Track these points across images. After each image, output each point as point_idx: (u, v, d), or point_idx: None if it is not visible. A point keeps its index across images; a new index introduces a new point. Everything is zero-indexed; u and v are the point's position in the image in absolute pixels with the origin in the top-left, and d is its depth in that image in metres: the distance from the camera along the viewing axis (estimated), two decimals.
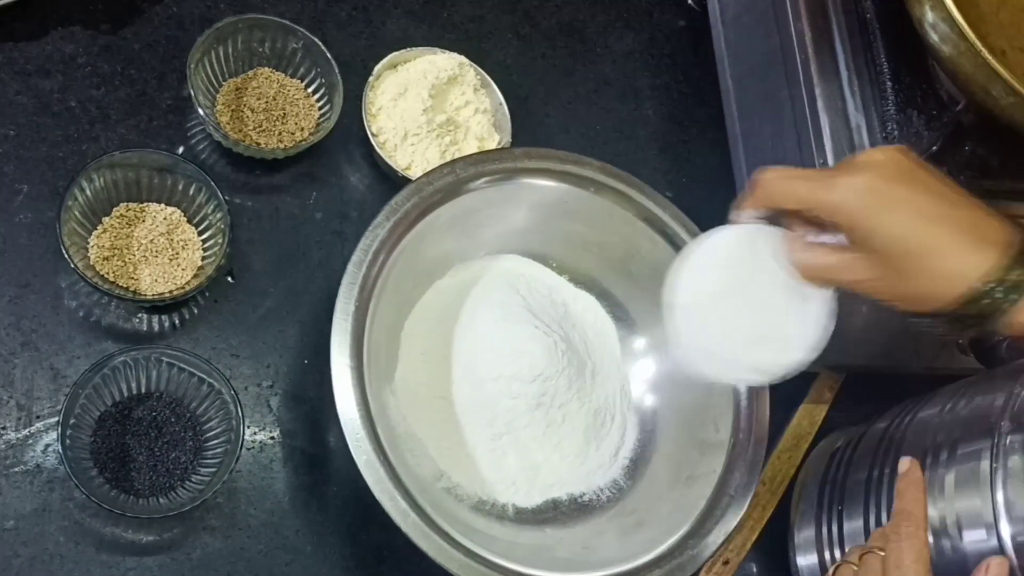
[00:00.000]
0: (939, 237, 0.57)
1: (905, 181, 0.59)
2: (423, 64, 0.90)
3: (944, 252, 0.57)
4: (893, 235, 0.57)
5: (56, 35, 0.84)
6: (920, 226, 0.57)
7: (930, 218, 0.58)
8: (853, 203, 0.58)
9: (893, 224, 0.57)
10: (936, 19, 0.73)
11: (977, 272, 0.57)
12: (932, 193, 0.59)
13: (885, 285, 0.59)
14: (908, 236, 0.57)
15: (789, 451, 0.91)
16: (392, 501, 0.70)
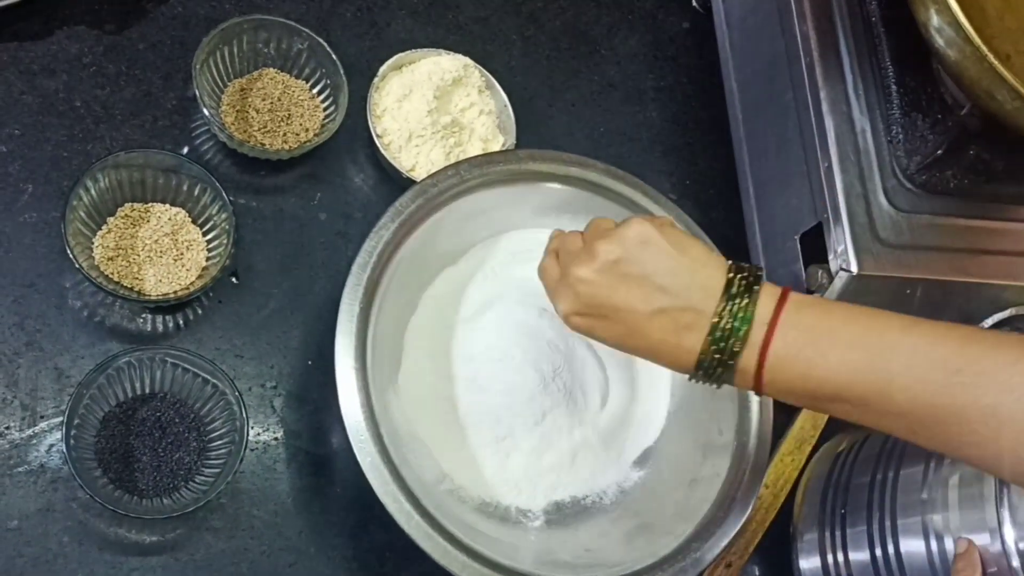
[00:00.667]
0: (652, 344, 0.63)
1: (598, 315, 0.65)
2: (428, 66, 0.90)
3: (662, 347, 0.63)
4: (614, 345, 0.66)
5: (61, 35, 0.84)
6: (631, 343, 0.64)
7: (636, 335, 0.64)
8: (573, 321, 0.66)
9: (609, 339, 0.65)
10: (941, 23, 0.74)
11: (698, 345, 0.61)
12: (625, 315, 0.64)
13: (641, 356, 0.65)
14: (625, 347, 0.65)
15: (792, 454, 0.91)
16: (396, 503, 0.70)
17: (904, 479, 0.76)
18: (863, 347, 0.57)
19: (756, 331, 0.59)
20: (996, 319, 0.83)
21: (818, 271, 0.81)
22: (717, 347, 0.60)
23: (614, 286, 0.62)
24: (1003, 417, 0.53)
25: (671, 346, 0.62)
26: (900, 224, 0.80)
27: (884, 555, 0.76)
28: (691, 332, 0.61)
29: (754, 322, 0.59)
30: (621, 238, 0.63)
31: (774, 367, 0.59)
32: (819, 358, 0.58)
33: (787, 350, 0.59)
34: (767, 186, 0.92)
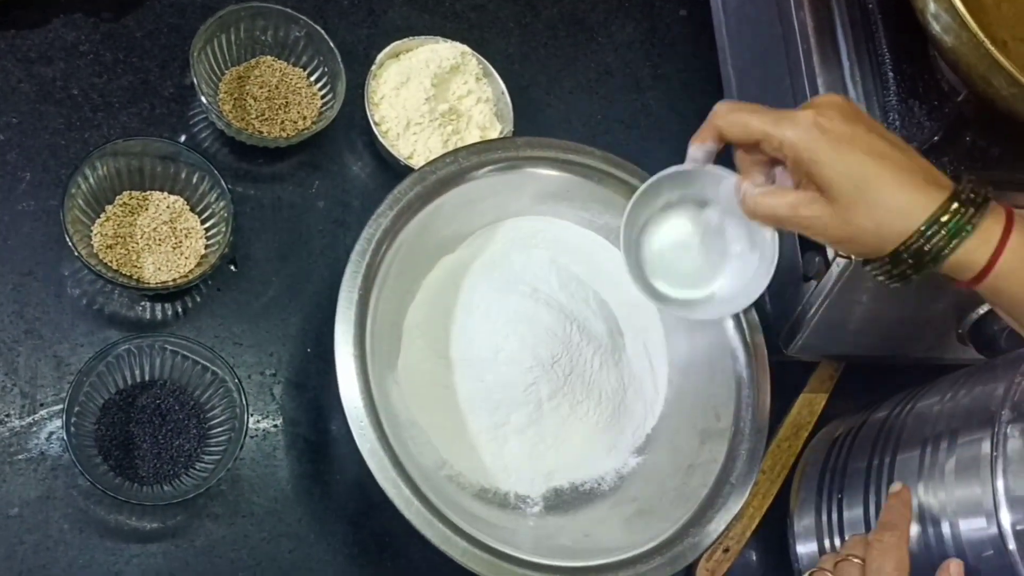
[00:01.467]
0: (885, 173, 0.58)
1: (851, 121, 0.59)
2: (425, 53, 0.90)
3: (890, 188, 0.58)
4: (839, 170, 0.58)
5: (58, 23, 0.84)
6: (867, 161, 0.58)
7: (877, 155, 0.58)
8: (801, 138, 0.59)
9: (840, 159, 0.58)
10: (938, 9, 0.74)
11: (923, 211, 0.58)
12: (878, 134, 0.60)
13: (832, 224, 0.60)
14: (854, 171, 0.58)
15: (789, 440, 0.91)
16: (396, 489, 0.70)
17: (900, 464, 0.76)
18: None
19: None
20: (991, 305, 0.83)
21: (815, 258, 0.81)
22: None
23: None
24: None
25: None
26: None
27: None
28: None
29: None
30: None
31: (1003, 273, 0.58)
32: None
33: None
34: None
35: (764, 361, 0.83)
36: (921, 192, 0.58)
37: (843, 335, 0.87)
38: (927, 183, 0.59)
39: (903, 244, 0.59)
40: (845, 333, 0.86)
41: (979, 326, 0.85)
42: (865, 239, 0.60)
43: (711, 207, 0.70)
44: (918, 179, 0.59)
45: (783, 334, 0.86)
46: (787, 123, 0.60)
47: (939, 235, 0.58)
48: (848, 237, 0.60)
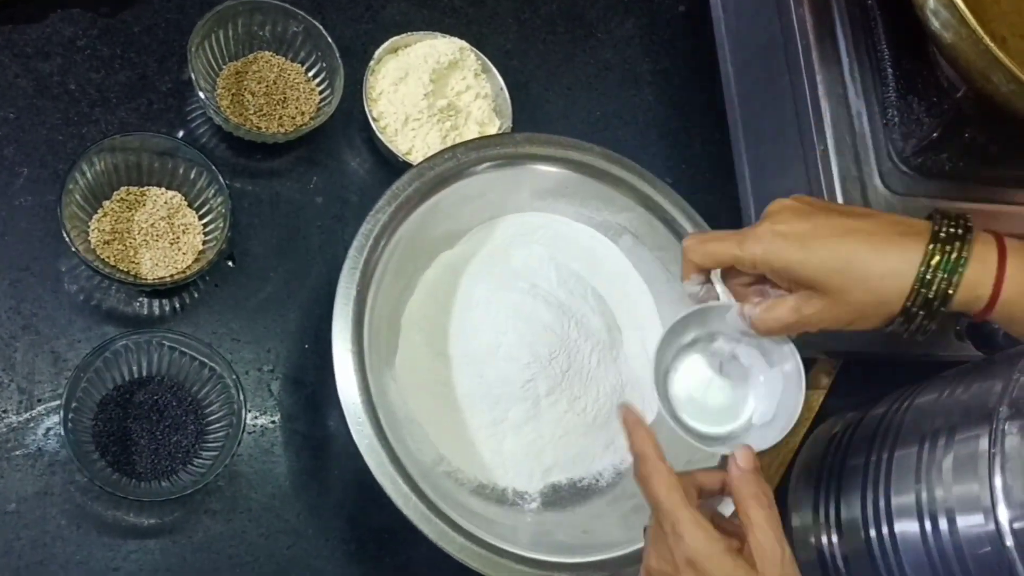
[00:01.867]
0: (860, 247, 0.59)
1: (806, 216, 0.61)
2: (424, 48, 0.89)
3: (871, 257, 0.59)
4: (816, 265, 0.60)
5: (56, 17, 0.84)
6: (838, 245, 0.60)
7: (844, 233, 0.60)
8: (766, 250, 0.61)
9: (811, 255, 0.60)
10: (937, 5, 0.73)
11: (912, 264, 0.59)
12: (837, 213, 0.62)
13: (836, 311, 0.61)
14: (829, 259, 0.59)
15: (786, 437, 0.91)
16: (393, 485, 0.70)
17: (898, 461, 0.76)
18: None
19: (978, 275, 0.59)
20: None
21: None
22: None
23: None
24: None
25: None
26: (895, 207, 0.80)
27: (878, 536, 0.76)
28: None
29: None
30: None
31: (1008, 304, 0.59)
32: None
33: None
34: (763, 169, 0.92)
35: None
36: (901, 248, 0.59)
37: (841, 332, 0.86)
38: (904, 236, 0.60)
39: (908, 301, 0.60)
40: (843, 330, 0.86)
41: (977, 323, 0.85)
42: (871, 312, 0.61)
43: (720, 339, 0.71)
44: (894, 237, 0.60)
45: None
46: (750, 242, 0.62)
47: (937, 279, 0.59)
48: (856, 317, 0.61)
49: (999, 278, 0.59)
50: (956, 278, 0.59)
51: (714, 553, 0.58)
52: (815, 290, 0.61)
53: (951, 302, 0.59)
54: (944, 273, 0.59)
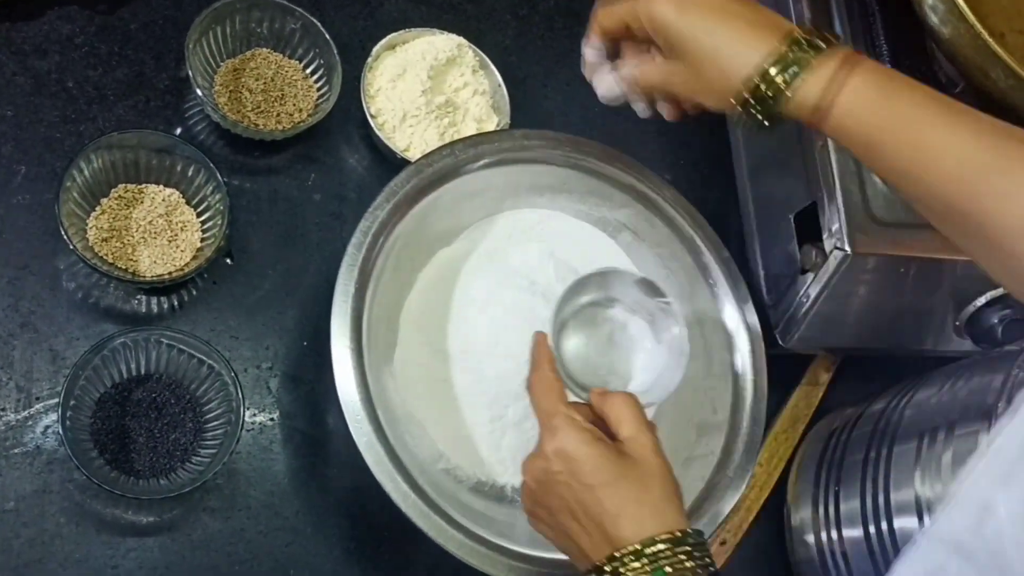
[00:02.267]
0: (722, 26, 0.64)
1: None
2: (422, 45, 0.89)
3: (728, 37, 0.64)
4: (683, 28, 0.65)
5: (53, 15, 0.84)
6: (708, 20, 0.65)
7: (718, 12, 0.65)
8: (660, 11, 0.66)
9: (683, 19, 0.65)
10: (936, 1, 0.73)
11: (758, 52, 0.63)
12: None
13: (690, 78, 0.67)
14: (698, 30, 0.65)
15: (786, 432, 0.91)
16: (392, 482, 0.70)
17: (897, 456, 0.76)
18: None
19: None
20: (989, 296, 0.83)
21: (812, 250, 0.81)
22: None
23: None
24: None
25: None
26: (894, 203, 0.80)
27: (877, 532, 0.77)
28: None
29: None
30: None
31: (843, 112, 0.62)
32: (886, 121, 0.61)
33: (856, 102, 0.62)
34: (761, 165, 0.92)
35: (761, 354, 0.83)
36: (758, 38, 0.63)
37: (840, 328, 0.87)
38: (764, 29, 0.64)
39: (745, 85, 0.63)
40: (842, 326, 0.86)
41: (976, 318, 0.85)
42: (716, 86, 0.65)
43: (617, 307, 0.77)
44: (756, 27, 0.64)
45: (780, 327, 0.86)
46: (643, 2, 0.67)
47: (774, 75, 0.62)
48: (704, 88, 0.66)
49: (836, 91, 0.61)
50: (794, 80, 0.62)
51: (583, 441, 0.63)
52: (678, 55, 0.66)
53: (783, 100, 0.63)
54: (783, 73, 0.62)
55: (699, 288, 0.85)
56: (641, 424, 0.66)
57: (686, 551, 0.60)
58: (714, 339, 0.84)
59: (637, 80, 0.71)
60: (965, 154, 0.59)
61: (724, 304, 0.84)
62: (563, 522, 0.63)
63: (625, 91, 0.73)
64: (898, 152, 0.61)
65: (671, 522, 0.61)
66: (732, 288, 0.84)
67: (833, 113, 0.62)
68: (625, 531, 0.60)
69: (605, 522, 0.61)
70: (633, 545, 0.59)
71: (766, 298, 0.88)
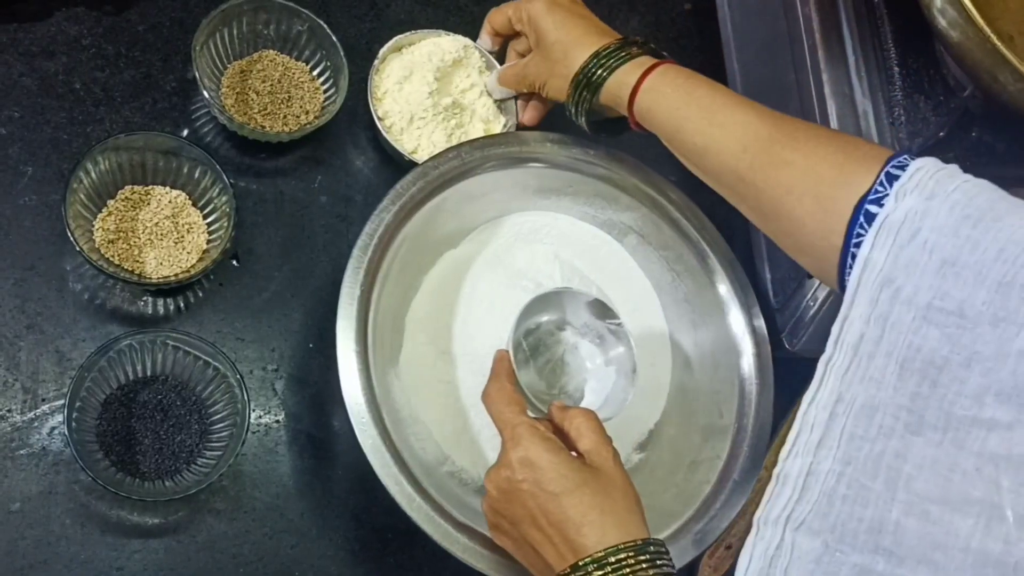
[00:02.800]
0: (574, 25, 0.80)
1: (561, 5, 0.82)
2: (428, 47, 0.89)
3: (571, 35, 0.79)
4: (549, 24, 0.80)
5: (60, 16, 0.84)
6: (566, 19, 0.80)
7: (574, 16, 0.80)
8: (537, 8, 0.81)
9: (552, 19, 0.80)
10: (944, 4, 0.73)
11: (593, 47, 0.77)
12: (583, 7, 0.83)
13: (543, 68, 0.81)
14: (556, 24, 0.80)
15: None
16: (397, 485, 0.70)
17: None
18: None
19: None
20: None
21: None
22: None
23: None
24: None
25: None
26: None
27: None
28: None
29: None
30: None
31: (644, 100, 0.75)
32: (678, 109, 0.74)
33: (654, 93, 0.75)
34: None
35: (768, 357, 0.83)
36: (595, 40, 0.78)
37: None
38: (605, 33, 0.79)
39: (580, 70, 0.78)
40: None
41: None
42: (558, 69, 0.80)
43: (569, 329, 0.80)
44: (595, 34, 0.79)
45: (787, 330, 0.86)
46: (526, 3, 0.83)
47: (602, 64, 0.77)
48: (553, 72, 0.80)
49: (641, 79, 0.75)
50: (608, 74, 0.76)
51: (547, 449, 0.65)
52: (540, 48, 0.81)
53: (603, 86, 0.77)
54: (606, 60, 0.76)
55: (705, 291, 0.85)
56: (601, 437, 0.67)
57: (647, 559, 0.61)
58: (720, 343, 0.84)
59: (506, 75, 0.86)
60: (751, 129, 0.70)
61: (730, 307, 0.84)
62: (526, 532, 0.64)
63: (498, 86, 0.88)
64: (697, 129, 0.72)
65: (633, 531, 0.62)
66: (739, 291, 0.84)
67: (640, 97, 0.75)
68: (588, 539, 0.61)
69: (568, 530, 0.62)
70: (597, 553, 0.60)
71: (773, 302, 0.88)
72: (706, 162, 0.73)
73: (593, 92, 0.77)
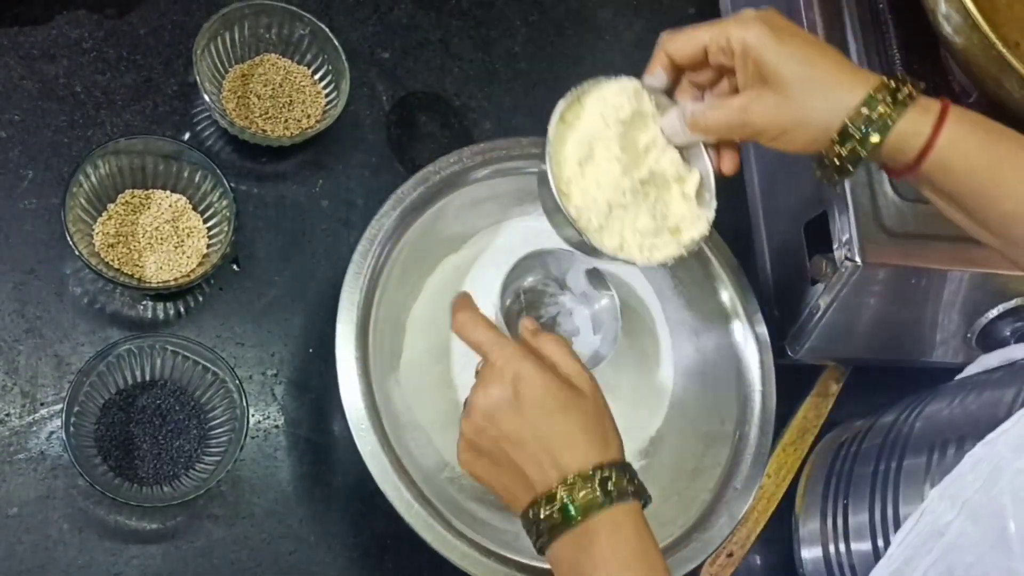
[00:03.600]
0: (827, 55, 0.64)
1: (788, 25, 0.65)
2: (596, 106, 0.69)
3: (835, 66, 0.63)
4: (787, 53, 0.63)
5: (61, 20, 0.84)
6: (809, 45, 0.64)
7: (817, 47, 0.64)
8: (748, 30, 0.63)
9: (785, 44, 0.63)
10: (949, 10, 0.73)
11: (865, 84, 0.62)
12: (809, 35, 0.66)
13: (784, 109, 0.63)
14: (799, 53, 0.63)
15: (795, 444, 0.90)
16: (396, 491, 0.70)
17: (907, 470, 0.75)
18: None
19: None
20: (1001, 309, 0.82)
21: (822, 260, 0.80)
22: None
23: None
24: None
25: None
26: (905, 213, 0.80)
27: (886, 546, 0.76)
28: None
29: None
30: None
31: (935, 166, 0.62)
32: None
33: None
34: (772, 175, 0.92)
35: (769, 364, 0.83)
36: (855, 77, 0.63)
37: (850, 338, 0.86)
38: (859, 71, 0.64)
39: (851, 116, 0.62)
40: (852, 336, 0.86)
41: (989, 330, 0.84)
42: (815, 117, 0.63)
43: (567, 295, 0.79)
44: (852, 69, 0.64)
45: (790, 337, 0.85)
46: (732, 23, 0.64)
47: (883, 104, 0.62)
48: (800, 119, 0.63)
49: (933, 135, 0.62)
50: (899, 112, 0.62)
51: (538, 369, 0.63)
52: (770, 85, 0.63)
53: (888, 133, 0.62)
54: (890, 101, 0.62)
55: (707, 298, 0.85)
56: (578, 362, 0.66)
57: (628, 477, 0.61)
58: (722, 350, 0.84)
59: (708, 118, 0.66)
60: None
61: (732, 314, 0.84)
62: (508, 451, 0.63)
63: (687, 129, 0.67)
64: (1010, 195, 0.61)
65: (614, 452, 0.63)
66: (741, 298, 0.84)
67: (936, 153, 0.62)
68: (576, 457, 0.61)
69: (555, 448, 0.61)
70: (584, 470, 0.60)
71: (775, 308, 0.87)
72: (1015, 231, 0.63)
73: (869, 146, 0.62)
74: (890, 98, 0.61)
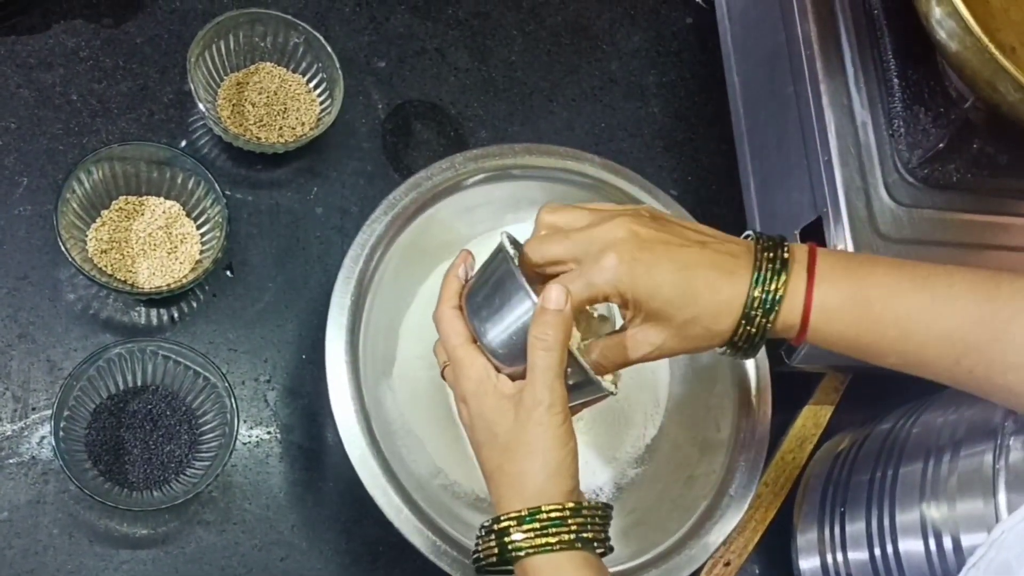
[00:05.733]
0: (697, 283, 0.60)
1: (647, 249, 0.61)
2: None
3: (706, 296, 0.60)
4: (663, 295, 0.60)
5: (58, 28, 0.84)
6: (679, 280, 0.60)
7: (682, 268, 0.60)
8: (617, 284, 0.60)
9: (659, 285, 0.60)
10: (943, 15, 0.72)
11: (738, 301, 0.60)
12: (672, 246, 0.61)
13: (673, 343, 0.62)
14: (673, 295, 0.60)
15: (793, 452, 0.90)
16: (385, 497, 0.69)
17: (903, 478, 0.75)
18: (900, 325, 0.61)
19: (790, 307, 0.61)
20: None
21: None
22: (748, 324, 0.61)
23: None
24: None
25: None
26: (901, 219, 0.79)
27: (883, 554, 0.75)
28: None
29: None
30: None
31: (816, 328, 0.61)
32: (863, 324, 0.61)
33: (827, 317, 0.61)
34: (768, 181, 0.91)
35: (766, 372, 0.82)
36: (731, 283, 0.60)
37: None
38: (731, 274, 0.61)
39: (733, 335, 0.61)
40: None
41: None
42: (704, 343, 0.62)
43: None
44: (724, 274, 0.61)
45: (786, 345, 0.85)
46: (596, 273, 0.60)
47: (758, 315, 0.60)
48: (691, 347, 0.63)
49: (806, 308, 0.60)
50: (773, 315, 0.60)
51: (486, 391, 0.62)
52: (651, 318, 0.61)
53: (768, 334, 0.61)
54: (763, 309, 0.60)
55: None
56: (547, 380, 0.61)
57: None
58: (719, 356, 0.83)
59: (607, 359, 0.64)
60: (959, 336, 0.60)
61: None
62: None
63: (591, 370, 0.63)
64: (891, 350, 0.62)
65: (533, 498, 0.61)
66: None
67: (810, 330, 0.61)
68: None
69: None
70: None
71: None
72: (910, 372, 0.64)
73: (757, 348, 0.63)
74: (762, 303, 0.60)
